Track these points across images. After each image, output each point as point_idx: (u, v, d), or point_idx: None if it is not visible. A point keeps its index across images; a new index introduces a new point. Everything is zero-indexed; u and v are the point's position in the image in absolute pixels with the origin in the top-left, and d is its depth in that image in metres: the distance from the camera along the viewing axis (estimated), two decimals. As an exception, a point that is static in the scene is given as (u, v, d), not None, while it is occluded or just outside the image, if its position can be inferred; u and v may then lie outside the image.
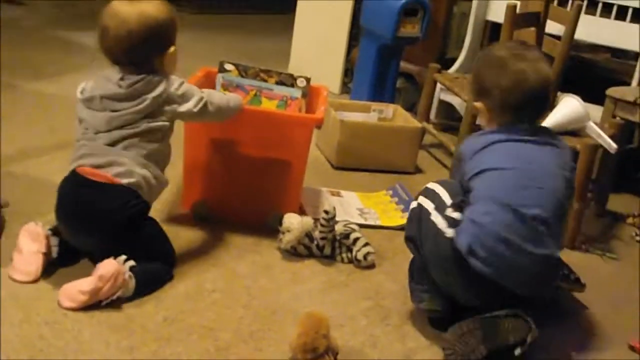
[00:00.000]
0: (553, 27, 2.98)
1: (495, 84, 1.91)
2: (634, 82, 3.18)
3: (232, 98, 2.18)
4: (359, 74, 3.62)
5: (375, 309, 2.02)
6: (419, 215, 1.91)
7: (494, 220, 1.80)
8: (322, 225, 2.20)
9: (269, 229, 2.27)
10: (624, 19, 3.19)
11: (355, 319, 1.96)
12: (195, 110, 2.00)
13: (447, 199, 1.88)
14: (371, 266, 2.23)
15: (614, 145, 2.55)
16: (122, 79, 1.94)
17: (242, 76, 2.49)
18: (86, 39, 4.23)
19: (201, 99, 2.01)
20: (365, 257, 2.20)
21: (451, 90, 2.98)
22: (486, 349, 1.76)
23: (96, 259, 1.88)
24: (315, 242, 2.21)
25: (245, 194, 2.33)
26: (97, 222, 1.89)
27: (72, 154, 1.99)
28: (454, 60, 3.70)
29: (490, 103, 1.95)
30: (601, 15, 3.24)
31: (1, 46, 3.56)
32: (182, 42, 2.24)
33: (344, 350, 1.78)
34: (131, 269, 1.87)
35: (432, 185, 1.95)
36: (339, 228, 2.23)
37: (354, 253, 2.22)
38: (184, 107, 1.98)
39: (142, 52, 1.93)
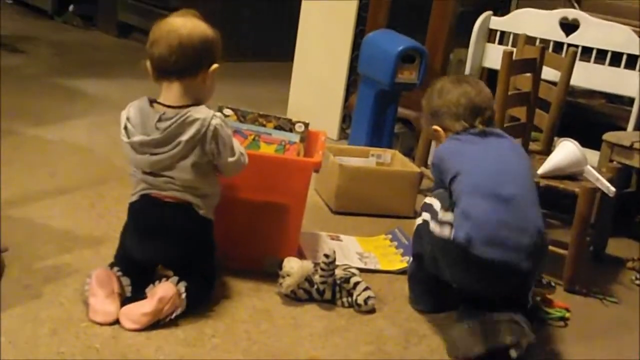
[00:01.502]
0: (549, 73, 3.02)
1: (444, 102, 2.22)
2: (630, 127, 3.21)
3: (244, 156, 2.14)
4: (357, 119, 3.65)
5: (376, 353, 2.01)
6: (421, 231, 2.17)
7: (481, 209, 2.01)
8: (322, 269, 2.20)
9: (267, 273, 2.26)
10: (618, 65, 3.24)
11: (356, 363, 1.95)
12: (229, 164, 2.05)
13: (438, 206, 2.10)
14: (372, 311, 2.22)
15: (613, 189, 2.56)
16: (159, 120, 2.01)
17: (240, 121, 2.51)
18: (86, 86, 4.27)
19: (233, 152, 2.05)
20: (365, 301, 2.20)
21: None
22: (485, 348, 1.95)
23: (147, 281, 2.05)
24: (316, 287, 2.21)
25: (244, 237, 2.33)
26: (177, 241, 2.05)
27: (134, 183, 2.10)
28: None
29: (443, 121, 2.23)
30: (595, 62, 3.29)
31: (1, 93, 3.58)
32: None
33: (345, 396, 1.77)
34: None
35: (427, 200, 2.20)
36: (339, 272, 2.23)
37: (354, 297, 2.21)
38: (223, 159, 2.04)
39: (192, 62, 2.01)
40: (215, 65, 2.05)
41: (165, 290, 1.97)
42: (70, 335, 1.87)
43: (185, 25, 2.00)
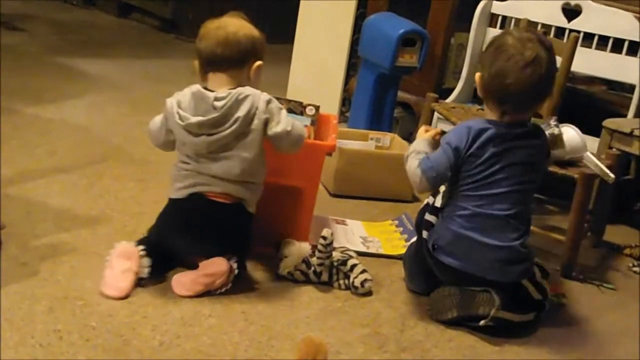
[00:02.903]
0: (550, 58, 3.01)
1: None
2: (630, 114, 3.21)
3: (301, 128, 2.21)
4: (356, 103, 3.64)
5: (372, 336, 2.01)
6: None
7: (460, 220, 2.09)
8: (319, 251, 2.20)
9: (268, 254, 2.27)
10: (620, 52, 3.22)
11: (353, 345, 1.95)
12: (282, 131, 2.11)
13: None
14: (368, 293, 2.22)
15: (612, 175, 2.56)
16: (216, 98, 2.07)
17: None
18: (86, 65, 4.26)
19: (288, 122, 2.13)
20: (362, 283, 2.20)
21: (448, 119, 2.99)
22: (457, 313, 2.09)
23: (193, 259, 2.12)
24: (313, 269, 2.21)
25: (257, 221, 2.31)
26: (223, 237, 2.11)
27: (176, 179, 2.14)
28: (451, 91, 3.73)
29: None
30: (597, 48, 3.28)
31: (1, 72, 3.57)
32: (184, 71, 2.26)
33: (340, 377, 1.77)
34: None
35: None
36: (336, 254, 2.23)
37: (351, 280, 2.21)
38: (275, 129, 2.11)
39: (238, 55, 2.12)
40: (259, 62, 2.17)
41: (218, 266, 2.06)
42: (66, 313, 1.87)
43: (232, 23, 2.15)
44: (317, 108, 2.53)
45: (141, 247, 2.09)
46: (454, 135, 2.12)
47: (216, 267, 2.07)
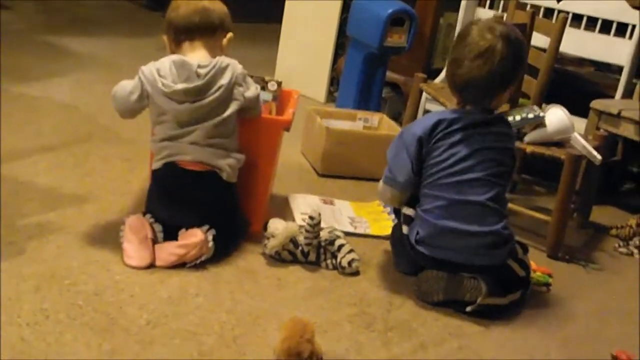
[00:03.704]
0: (539, 39, 3.01)
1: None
2: (618, 95, 3.22)
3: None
4: (344, 82, 3.63)
5: (359, 315, 2.02)
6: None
7: (438, 211, 2.10)
8: (306, 231, 2.20)
9: (256, 234, 2.27)
10: (608, 33, 3.23)
11: (340, 325, 1.96)
12: (255, 94, 2.21)
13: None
14: (356, 273, 2.23)
15: (599, 157, 2.57)
16: (199, 66, 2.11)
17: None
18: (72, 43, 4.22)
19: (256, 86, 2.24)
20: (349, 263, 2.20)
21: (437, 99, 2.99)
22: (443, 297, 2.09)
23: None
24: (300, 248, 2.21)
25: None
26: (201, 207, 2.13)
27: (154, 152, 2.17)
28: (439, 71, 3.72)
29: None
30: (586, 29, 3.28)
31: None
32: (162, 46, 2.26)
33: (328, 356, 1.77)
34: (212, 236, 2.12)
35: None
36: (323, 234, 2.23)
37: (338, 259, 2.21)
38: (249, 92, 2.19)
39: (215, 22, 2.20)
40: (230, 34, 2.24)
41: (192, 236, 2.08)
42: (53, 292, 1.87)
43: (207, 1, 2.22)
44: (279, 83, 2.52)
45: (149, 215, 2.14)
46: (416, 125, 2.17)
47: (190, 238, 2.09)
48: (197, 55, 2.16)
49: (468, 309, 2.07)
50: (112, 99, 2.20)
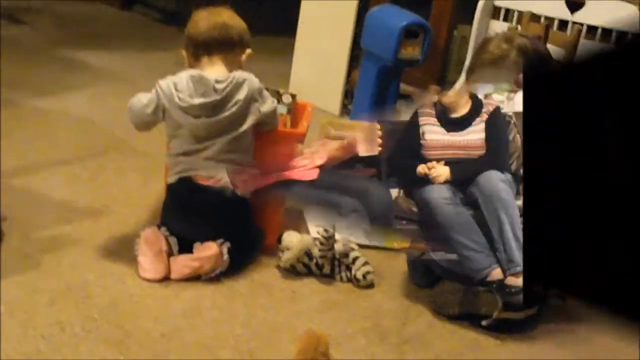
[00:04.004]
0: (553, 51, 2.99)
1: None
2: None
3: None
4: (359, 95, 3.63)
5: (374, 328, 2.01)
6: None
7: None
8: (321, 243, 2.19)
9: (270, 247, 2.27)
10: (623, 44, 3.21)
11: (355, 338, 1.95)
12: (272, 108, 2.21)
13: None
14: (370, 285, 2.22)
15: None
16: (217, 81, 2.12)
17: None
18: (88, 58, 4.25)
19: (273, 100, 2.23)
20: (364, 276, 2.20)
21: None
22: (459, 310, 2.08)
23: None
24: (315, 261, 2.21)
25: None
26: (216, 221, 2.15)
27: (170, 166, 2.19)
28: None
29: None
30: (600, 40, 3.26)
31: (2, 64, 3.56)
32: (180, 61, 2.26)
33: (342, 369, 1.77)
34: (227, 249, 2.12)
35: None
36: (338, 247, 2.23)
37: (353, 272, 2.21)
38: (265, 107, 2.19)
39: (234, 38, 2.20)
40: (249, 50, 2.25)
41: (207, 249, 2.10)
42: (68, 305, 1.87)
43: (224, 11, 2.23)
44: (293, 96, 2.53)
45: (164, 228, 2.15)
46: None
47: (205, 251, 2.09)
48: (215, 71, 2.17)
49: (484, 323, 2.06)
50: (128, 111, 2.21)
